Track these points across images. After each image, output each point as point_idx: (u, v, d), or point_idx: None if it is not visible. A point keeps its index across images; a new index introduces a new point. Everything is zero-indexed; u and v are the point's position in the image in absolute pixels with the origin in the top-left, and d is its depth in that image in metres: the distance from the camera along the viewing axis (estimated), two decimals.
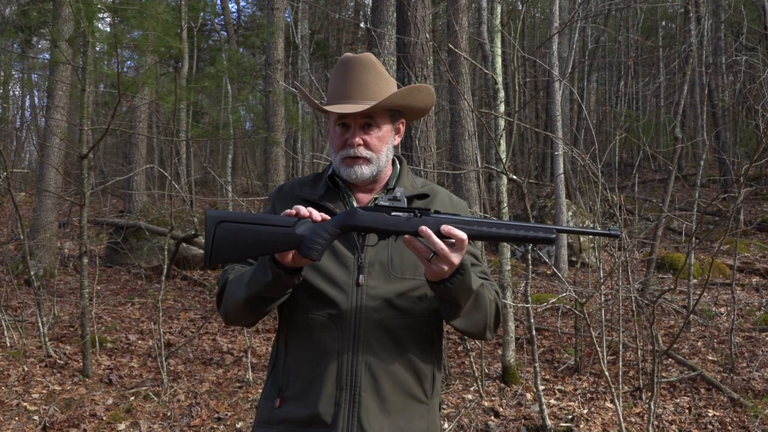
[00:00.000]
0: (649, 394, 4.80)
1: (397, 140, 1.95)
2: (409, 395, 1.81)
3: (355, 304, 1.77)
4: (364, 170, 1.85)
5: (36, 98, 24.05)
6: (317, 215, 1.67)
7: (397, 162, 1.98)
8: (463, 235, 1.60)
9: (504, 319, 5.74)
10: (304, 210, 1.67)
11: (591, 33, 19.66)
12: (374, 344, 1.77)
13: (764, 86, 6.24)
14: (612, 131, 18.26)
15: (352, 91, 1.84)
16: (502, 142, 5.48)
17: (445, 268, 1.60)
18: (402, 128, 1.97)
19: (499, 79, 5.58)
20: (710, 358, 6.44)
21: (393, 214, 1.66)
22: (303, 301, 1.81)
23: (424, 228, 1.59)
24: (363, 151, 1.84)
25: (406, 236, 1.62)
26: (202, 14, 16.60)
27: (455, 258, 1.60)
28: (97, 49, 8.50)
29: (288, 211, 1.67)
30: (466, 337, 6.04)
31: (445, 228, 1.60)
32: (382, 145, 1.87)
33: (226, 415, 5.18)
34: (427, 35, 6.04)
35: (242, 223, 1.66)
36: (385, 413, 1.77)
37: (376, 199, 1.91)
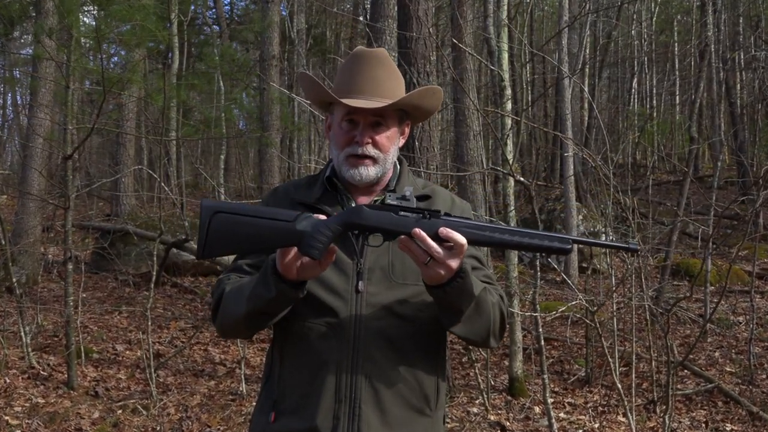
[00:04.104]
0: (664, 407, 4.80)
1: (402, 142, 1.95)
2: (412, 408, 1.80)
3: (355, 311, 1.77)
4: (370, 171, 1.84)
5: (18, 96, 24.10)
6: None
7: (398, 163, 1.97)
8: (463, 240, 1.59)
9: (511, 329, 5.75)
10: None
11: (602, 27, 19.68)
12: (375, 354, 1.76)
13: None
14: (624, 131, 18.29)
15: (365, 86, 1.83)
16: (509, 142, 5.50)
17: (442, 272, 1.60)
18: (407, 131, 1.97)
19: (506, 75, 5.59)
20: (728, 369, 6.44)
21: (401, 214, 1.64)
22: (299, 310, 1.79)
23: (417, 230, 1.59)
24: (371, 150, 1.83)
25: (402, 238, 1.61)
26: (192, 8, 16.63)
27: (453, 263, 1.60)
28: (83, 43, 8.51)
29: None
30: (470, 347, 6.05)
31: (443, 231, 1.59)
32: (390, 146, 1.86)
33: (219, 429, 5.19)
34: (430, 30, 6.06)
35: (240, 215, 1.62)
36: (387, 427, 1.76)
37: (376, 201, 1.90)
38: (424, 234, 1.58)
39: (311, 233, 1.60)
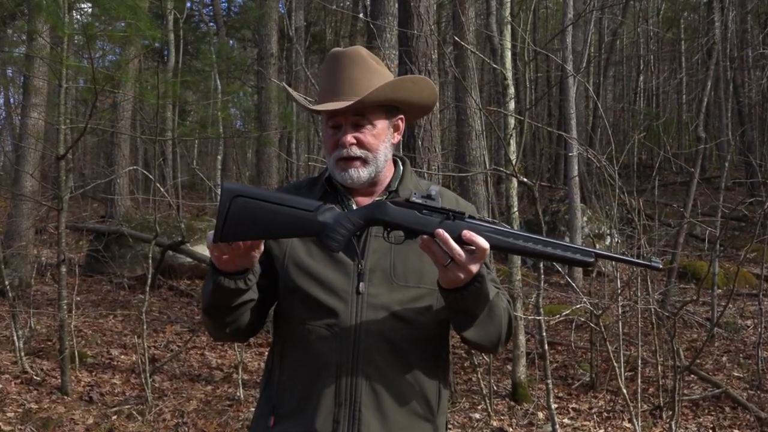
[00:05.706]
0: (670, 413, 4.81)
1: (397, 138, 1.93)
2: (413, 412, 1.81)
3: (355, 313, 1.77)
4: (361, 173, 1.83)
5: (11, 95, 24.09)
6: None
7: (399, 163, 1.97)
8: (486, 244, 1.60)
9: (514, 333, 5.75)
10: None
11: (607, 25, 19.68)
12: (376, 357, 1.77)
13: None
14: (630, 130, 18.29)
15: (341, 88, 1.83)
16: (512, 142, 5.50)
17: (461, 275, 1.61)
18: (401, 125, 1.95)
19: (509, 74, 5.60)
20: (735, 374, 6.44)
21: (425, 212, 1.65)
22: (299, 312, 1.81)
23: (440, 231, 1.59)
24: (357, 151, 1.82)
25: (424, 238, 1.62)
26: (189, 5, 16.64)
27: (473, 267, 1.61)
28: (75, 41, 8.52)
29: None
30: (473, 352, 6.05)
31: (467, 234, 1.60)
32: (378, 143, 1.85)
33: None
34: (432, 27, 6.06)
35: (261, 200, 1.62)
36: (388, 431, 1.77)
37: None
38: (447, 235, 1.59)
39: (332, 225, 1.62)
